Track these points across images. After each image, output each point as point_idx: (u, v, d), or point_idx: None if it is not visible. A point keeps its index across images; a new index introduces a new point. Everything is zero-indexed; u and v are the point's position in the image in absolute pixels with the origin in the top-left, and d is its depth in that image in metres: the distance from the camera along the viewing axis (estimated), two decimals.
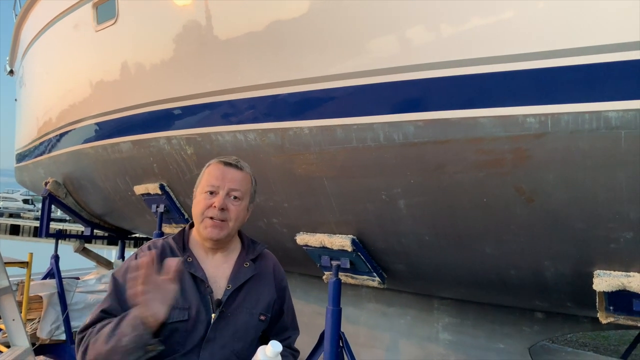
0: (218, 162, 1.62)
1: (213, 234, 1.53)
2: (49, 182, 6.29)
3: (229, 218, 1.55)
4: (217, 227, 1.53)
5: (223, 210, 1.53)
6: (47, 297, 5.71)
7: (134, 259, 1.56)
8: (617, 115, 2.15)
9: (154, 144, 4.29)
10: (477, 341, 4.07)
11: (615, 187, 2.29)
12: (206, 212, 1.54)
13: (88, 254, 7.08)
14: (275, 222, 3.84)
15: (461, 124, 2.53)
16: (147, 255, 1.35)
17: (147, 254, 1.36)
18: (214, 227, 1.53)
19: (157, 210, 4.69)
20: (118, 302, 1.48)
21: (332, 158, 3.10)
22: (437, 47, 2.59)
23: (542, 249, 2.69)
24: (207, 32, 3.72)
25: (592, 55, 2.20)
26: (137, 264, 1.33)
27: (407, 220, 3.04)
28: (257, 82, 3.37)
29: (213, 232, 1.53)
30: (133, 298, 1.32)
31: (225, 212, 1.54)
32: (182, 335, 1.47)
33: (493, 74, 2.43)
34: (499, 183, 2.57)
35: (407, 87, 2.69)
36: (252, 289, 1.59)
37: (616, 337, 8.74)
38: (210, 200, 1.54)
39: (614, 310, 2.59)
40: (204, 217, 1.55)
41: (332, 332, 3.40)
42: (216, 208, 1.52)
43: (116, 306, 1.48)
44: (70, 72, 5.53)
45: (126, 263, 1.58)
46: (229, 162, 1.61)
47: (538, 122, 2.34)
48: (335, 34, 2.99)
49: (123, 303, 1.48)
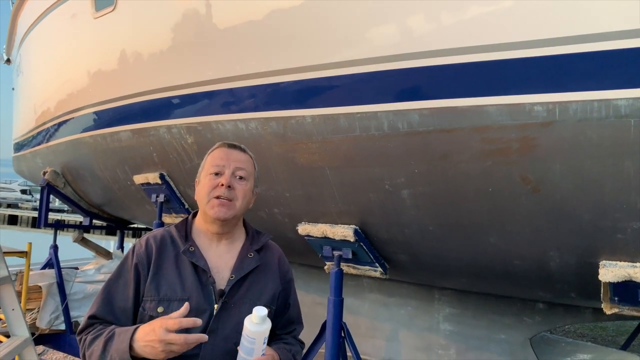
0: (221, 145, 1.61)
1: (220, 213, 1.50)
2: (47, 172, 6.24)
3: (235, 197, 1.52)
4: (224, 205, 1.50)
5: (230, 188, 1.51)
6: (46, 287, 5.69)
7: (131, 254, 1.54)
8: (627, 103, 2.12)
9: (153, 133, 4.25)
10: (478, 332, 4.07)
11: (623, 177, 2.26)
12: (212, 192, 1.52)
13: (87, 244, 7.05)
14: (276, 212, 3.81)
15: (467, 113, 2.50)
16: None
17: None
18: (222, 206, 1.50)
19: (157, 200, 4.65)
20: (107, 306, 1.49)
21: (335, 147, 3.07)
22: (443, 34, 2.55)
23: (547, 240, 2.67)
24: (207, 19, 3.67)
25: (602, 42, 2.16)
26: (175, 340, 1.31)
27: (410, 211, 3.01)
28: (258, 70, 3.33)
29: (220, 211, 1.50)
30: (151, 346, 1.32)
31: (232, 191, 1.52)
32: None
33: (500, 61, 2.39)
34: (505, 172, 2.54)
35: (412, 74, 2.65)
36: (256, 280, 1.56)
37: (614, 328, 8.78)
38: (216, 181, 1.52)
39: (618, 301, 2.57)
40: (210, 197, 1.52)
41: (334, 322, 3.38)
42: (223, 186, 1.50)
43: (104, 310, 1.49)
44: (68, 60, 5.46)
45: (121, 261, 1.57)
46: (233, 144, 1.61)
47: (546, 110, 2.30)
48: (338, 20, 2.94)
49: (112, 307, 1.49)
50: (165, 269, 1.51)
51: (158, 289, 1.48)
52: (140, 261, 1.51)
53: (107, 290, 1.51)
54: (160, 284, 1.49)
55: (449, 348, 4.15)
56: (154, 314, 1.46)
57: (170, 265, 1.51)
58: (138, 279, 1.50)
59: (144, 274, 1.50)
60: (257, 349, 1.36)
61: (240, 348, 1.38)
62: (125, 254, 1.58)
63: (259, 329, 1.35)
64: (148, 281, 1.49)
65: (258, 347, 1.36)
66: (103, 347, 1.37)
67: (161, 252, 1.53)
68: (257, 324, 1.35)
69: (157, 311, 1.46)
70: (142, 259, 1.51)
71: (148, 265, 1.51)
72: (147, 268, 1.50)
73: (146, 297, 1.48)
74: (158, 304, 1.47)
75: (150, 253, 1.52)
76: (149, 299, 1.48)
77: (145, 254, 1.52)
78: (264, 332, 1.36)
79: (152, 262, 1.51)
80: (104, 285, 1.53)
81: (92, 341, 1.41)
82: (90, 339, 1.42)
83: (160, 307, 1.46)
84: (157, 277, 1.49)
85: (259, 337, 1.36)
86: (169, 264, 1.51)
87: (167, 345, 1.29)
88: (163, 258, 1.52)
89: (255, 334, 1.35)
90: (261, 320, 1.35)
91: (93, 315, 1.47)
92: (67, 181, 6.34)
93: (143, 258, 1.52)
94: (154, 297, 1.48)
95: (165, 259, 1.52)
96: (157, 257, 1.52)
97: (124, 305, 1.49)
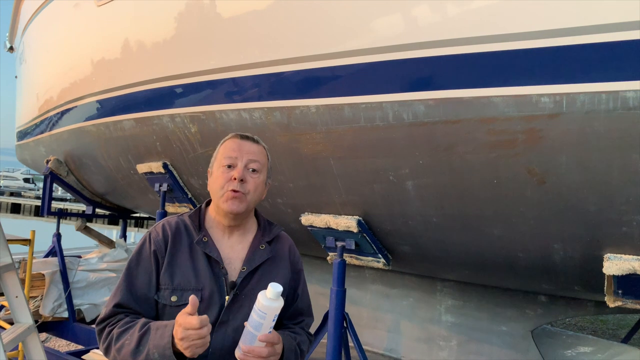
0: (234, 136, 1.59)
1: (233, 206, 1.50)
2: (51, 160, 6.24)
3: (248, 190, 1.51)
4: (237, 199, 1.50)
5: (242, 181, 1.50)
6: (49, 275, 5.71)
7: (148, 240, 1.54)
8: (636, 95, 2.10)
9: (157, 122, 4.23)
10: (480, 323, 4.08)
11: (629, 170, 2.24)
12: (226, 185, 1.51)
13: (90, 233, 7.07)
14: (279, 202, 3.81)
15: (473, 103, 2.48)
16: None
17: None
18: (234, 200, 1.50)
19: (160, 189, 4.65)
20: (130, 294, 1.47)
21: (339, 138, 3.05)
22: (448, 24, 2.52)
23: (552, 232, 2.66)
24: (210, 7, 3.64)
25: (610, 33, 2.13)
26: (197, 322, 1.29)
27: (414, 202, 3.00)
28: (262, 59, 3.30)
29: (233, 205, 1.50)
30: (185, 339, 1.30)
31: (245, 184, 1.51)
32: None
33: (507, 52, 2.36)
34: (511, 164, 2.53)
35: (417, 64, 2.63)
36: (267, 272, 1.56)
37: (615, 321, 8.79)
38: (229, 174, 1.51)
39: (622, 294, 2.56)
40: (224, 191, 1.51)
41: (337, 312, 3.39)
42: (236, 180, 1.49)
43: (129, 299, 1.47)
44: (71, 48, 5.44)
45: (138, 248, 1.56)
46: (245, 135, 1.59)
47: (553, 102, 2.28)
48: (342, 9, 2.92)
49: (136, 295, 1.48)
50: (179, 257, 1.50)
51: (172, 278, 1.48)
52: (159, 248, 1.51)
53: (128, 278, 1.50)
54: (175, 272, 1.48)
55: (450, 339, 4.16)
56: (167, 302, 1.46)
57: (185, 254, 1.51)
58: (158, 266, 1.50)
59: (162, 262, 1.50)
60: (265, 325, 1.35)
61: (249, 322, 1.37)
62: (140, 241, 1.57)
63: (271, 305, 1.34)
64: (163, 269, 1.49)
65: (267, 323, 1.35)
66: (137, 341, 1.35)
67: (176, 241, 1.53)
68: (270, 299, 1.34)
69: (170, 300, 1.46)
70: (161, 246, 1.51)
71: (165, 253, 1.51)
72: (164, 255, 1.50)
73: (161, 285, 1.48)
74: (172, 293, 1.46)
75: (166, 240, 1.52)
76: (163, 287, 1.48)
77: (162, 241, 1.52)
78: (275, 309, 1.35)
79: (167, 250, 1.51)
80: (124, 273, 1.51)
81: (121, 334, 1.39)
82: (117, 332, 1.40)
83: (174, 296, 1.46)
84: (172, 266, 1.49)
85: (270, 313, 1.34)
86: (183, 253, 1.51)
87: (194, 342, 1.29)
88: (177, 247, 1.52)
89: (267, 308, 1.34)
90: (275, 296, 1.34)
91: (118, 303, 1.46)
92: (70, 170, 6.34)
93: (161, 245, 1.51)
94: (168, 286, 1.47)
95: (179, 248, 1.52)
96: (172, 245, 1.51)
97: (146, 293, 1.48)
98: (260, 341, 1.35)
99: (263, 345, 1.36)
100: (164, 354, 1.31)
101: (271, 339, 1.37)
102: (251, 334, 1.36)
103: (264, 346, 1.36)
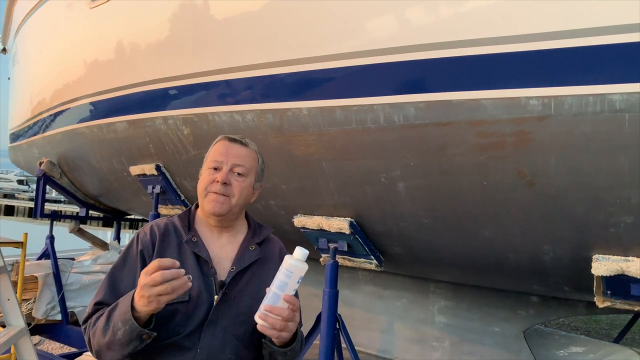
0: (223, 139, 1.61)
1: (215, 208, 1.52)
2: (44, 162, 6.22)
3: (231, 194, 1.53)
4: (219, 201, 1.52)
5: (226, 184, 1.52)
6: (42, 278, 5.69)
7: (136, 241, 1.54)
8: (622, 98, 2.12)
9: (149, 124, 4.23)
10: (472, 324, 4.10)
11: (617, 171, 2.27)
12: (209, 187, 1.53)
13: (83, 235, 7.05)
14: (272, 203, 3.81)
15: (463, 106, 2.50)
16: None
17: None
18: (216, 202, 1.52)
19: (153, 191, 4.65)
20: (112, 292, 1.48)
21: (331, 140, 3.07)
22: (439, 27, 2.54)
23: (541, 233, 2.68)
24: (204, 9, 3.65)
25: (597, 36, 2.16)
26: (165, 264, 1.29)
27: (406, 203, 3.02)
28: (254, 62, 3.31)
29: (215, 207, 1.52)
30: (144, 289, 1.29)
31: (228, 187, 1.53)
32: (182, 317, 1.44)
33: (496, 55, 2.39)
34: (500, 166, 2.55)
35: (408, 67, 2.65)
36: (257, 273, 1.57)
37: (608, 321, 8.85)
38: (213, 176, 1.54)
39: (611, 295, 2.59)
40: (207, 192, 1.54)
41: (329, 314, 3.40)
42: (219, 182, 1.51)
43: (110, 297, 1.47)
44: (64, 50, 5.43)
45: (125, 248, 1.57)
46: (234, 138, 1.60)
47: (541, 104, 2.31)
48: (335, 12, 2.93)
49: (118, 293, 1.47)
50: (167, 257, 1.51)
51: None
52: (146, 248, 1.52)
53: (112, 277, 1.51)
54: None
55: (443, 340, 4.18)
56: None
57: (173, 254, 1.51)
58: (144, 265, 1.50)
59: (149, 261, 1.50)
60: (290, 286, 1.35)
61: (273, 283, 1.37)
62: (129, 242, 1.58)
63: (298, 264, 1.35)
64: None
65: (292, 284, 1.35)
66: (106, 318, 1.37)
67: (164, 241, 1.54)
68: (297, 259, 1.35)
69: None
70: (147, 246, 1.52)
71: (152, 252, 1.51)
72: (151, 255, 1.51)
73: None
74: None
75: (154, 240, 1.53)
76: None
77: (150, 241, 1.53)
78: (301, 270, 1.36)
79: (155, 250, 1.51)
80: (109, 273, 1.52)
81: (96, 320, 1.41)
82: (94, 320, 1.42)
83: None
84: None
85: (297, 273, 1.35)
86: (171, 253, 1.51)
87: (150, 289, 1.26)
88: (165, 246, 1.53)
89: (294, 267, 1.35)
90: (302, 257, 1.36)
91: (99, 301, 1.47)
92: (64, 172, 6.33)
93: (148, 245, 1.52)
94: None
95: (167, 247, 1.53)
96: (160, 245, 1.53)
97: (130, 292, 1.49)
98: (285, 301, 1.35)
99: (286, 306, 1.35)
100: (125, 318, 1.31)
101: (295, 301, 1.37)
102: (274, 294, 1.36)
103: (287, 307, 1.36)
